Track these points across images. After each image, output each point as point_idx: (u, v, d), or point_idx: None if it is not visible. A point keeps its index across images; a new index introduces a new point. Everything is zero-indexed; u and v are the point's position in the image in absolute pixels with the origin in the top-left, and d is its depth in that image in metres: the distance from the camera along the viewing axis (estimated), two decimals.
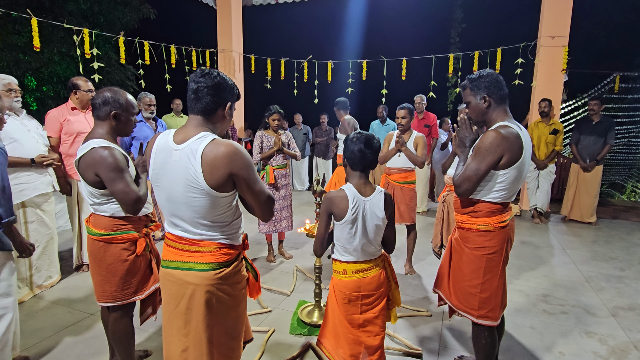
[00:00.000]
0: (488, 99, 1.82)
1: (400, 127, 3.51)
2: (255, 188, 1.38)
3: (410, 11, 13.21)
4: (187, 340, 1.41)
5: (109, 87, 1.98)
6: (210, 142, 1.32)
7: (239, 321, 1.52)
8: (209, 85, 1.39)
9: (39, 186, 2.98)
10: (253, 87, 8.03)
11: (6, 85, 2.83)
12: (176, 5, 10.00)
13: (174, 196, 1.36)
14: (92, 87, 3.27)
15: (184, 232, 1.40)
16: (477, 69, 5.98)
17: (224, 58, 7.38)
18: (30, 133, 2.94)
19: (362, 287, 1.77)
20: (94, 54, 5.11)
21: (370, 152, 1.75)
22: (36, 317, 2.78)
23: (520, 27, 6.81)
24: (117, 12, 9.60)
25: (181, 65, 6.62)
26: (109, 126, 1.92)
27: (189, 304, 1.39)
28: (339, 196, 1.72)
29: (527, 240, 4.63)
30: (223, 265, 1.41)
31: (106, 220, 1.91)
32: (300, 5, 8.02)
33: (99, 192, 1.85)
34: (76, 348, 2.41)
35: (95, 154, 1.78)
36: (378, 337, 1.83)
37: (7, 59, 7.69)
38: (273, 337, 2.56)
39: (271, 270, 3.70)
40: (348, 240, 1.74)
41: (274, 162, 3.77)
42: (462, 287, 1.94)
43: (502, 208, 1.82)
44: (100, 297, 1.94)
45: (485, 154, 1.72)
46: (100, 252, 1.91)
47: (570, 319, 2.85)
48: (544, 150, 5.26)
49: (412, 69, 6.57)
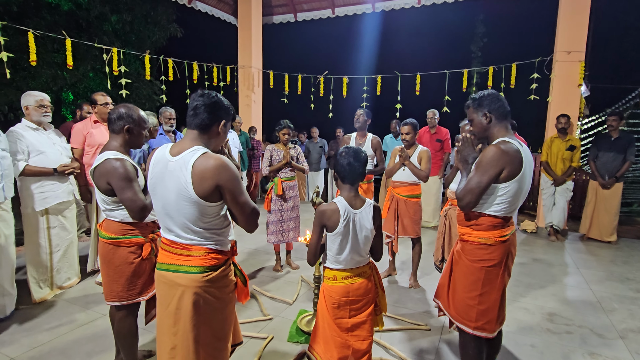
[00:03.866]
0: (489, 115, 1.89)
1: (405, 142, 3.58)
2: (239, 200, 1.50)
3: (426, 27, 13.32)
4: (175, 339, 1.52)
5: (124, 104, 2.17)
6: (201, 155, 1.45)
7: (225, 323, 1.62)
8: (206, 104, 1.53)
9: (61, 194, 3.22)
10: (271, 101, 8.29)
11: (38, 101, 3.11)
12: (200, 24, 10.52)
13: (167, 204, 1.50)
14: (109, 101, 3.52)
15: (176, 237, 1.53)
16: (491, 84, 5.98)
17: (244, 74, 7.68)
18: (55, 146, 3.20)
19: (351, 292, 1.83)
20: (122, 71, 5.46)
21: (359, 164, 1.84)
22: (55, 315, 2.98)
23: (539, 41, 6.76)
24: (147, 31, 10.18)
25: (203, 81, 6.94)
26: (122, 139, 2.10)
27: (178, 304, 1.51)
28: (331, 209, 1.81)
29: (540, 258, 4.53)
30: (211, 268, 1.52)
31: (116, 225, 2.07)
32: (318, 22, 8.29)
33: (110, 199, 2.02)
34: (87, 345, 2.57)
35: (108, 164, 1.95)
36: (366, 341, 1.88)
37: (46, 75, 8.29)
38: (271, 344, 2.63)
39: (277, 280, 3.80)
40: (338, 251, 1.82)
41: (283, 174, 3.90)
42: (461, 299, 1.97)
43: (503, 222, 1.87)
44: (108, 296, 2.10)
45: (486, 167, 1.78)
46: (110, 254, 2.07)
47: (575, 339, 2.78)
48: (560, 166, 5.16)
49: (428, 84, 6.63)
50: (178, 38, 10.47)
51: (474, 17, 12.46)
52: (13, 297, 2.97)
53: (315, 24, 8.39)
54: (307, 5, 8.34)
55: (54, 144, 3.24)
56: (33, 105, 3.08)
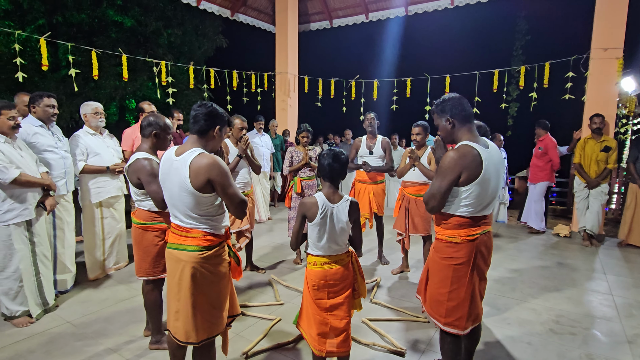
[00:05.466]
0: (452, 120, 2.02)
1: (415, 143, 3.73)
2: (228, 191, 1.82)
3: (458, 28, 13.01)
4: (178, 304, 1.87)
5: (153, 113, 2.60)
6: (197, 155, 1.79)
7: (220, 294, 1.94)
8: (203, 113, 1.88)
9: (112, 190, 3.78)
10: (306, 105, 8.67)
11: (94, 109, 3.70)
12: (242, 34, 11.25)
13: (172, 195, 1.86)
14: (154, 109, 4.05)
15: (179, 222, 1.88)
16: (523, 84, 5.85)
17: (281, 80, 8.13)
18: (108, 149, 3.78)
19: (328, 276, 2.07)
20: (169, 81, 6.12)
21: (338, 165, 2.09)
22: (103, 291, 3.53)
23: (574, 38, 6.45)
24: (197, 43, 11.08)
25: (242, 88, 7.48)
26: (151, 142, 2.52)
27: (180, 275, 1.86)
28: (310, 202, 2.07)
29: (565, 263, 4.40)
30: (206, 248, 1.86)
31: (144, 213, 2.50)
32: (352, 27, 8.53)
33: (140, 191, 2.45)
34: (126, 316, 3.06)
35: (138, 163, 2.37)
36: (343, 321, 2.10)
37: (110, 86, 9.37)
38: (277, 326, 2.94)
39: (295, 271, 4.11)
40: (317, 239, 2.08)
41: (302, 174, 4.22)
42: (432, 294, 2.09)
43: (471, 222, 1.95)
44: (138, 272, 2.53)
45: (444, 172, 1.90)
46: (139, 236, 2.51)
47: (576, 340, 2.77)
48: (594, 168, 4.95)
49: (459, 85, 6.60)
50: (223, 48, 11.25)
51: (509, 16, 12.01)
52: (73, 274, 3.57)
53: (349, 30, 8.65)
54: (342, 12, 8.62)
55: (107, 147, 3.81)
56: (90, 113, 3.67)
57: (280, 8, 8.11)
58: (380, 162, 4.14)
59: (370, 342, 2.68)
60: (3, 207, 2.77)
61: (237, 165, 3.56)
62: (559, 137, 5.59)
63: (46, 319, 2.98)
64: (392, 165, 4.14)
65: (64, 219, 3.44)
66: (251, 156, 3.69)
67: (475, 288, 2.00)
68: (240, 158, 3.54)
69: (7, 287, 2.85)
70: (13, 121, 2.83)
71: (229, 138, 3.68)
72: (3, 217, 2.77)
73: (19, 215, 2.83)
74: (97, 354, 2.55)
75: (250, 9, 8.41)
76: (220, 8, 7.86)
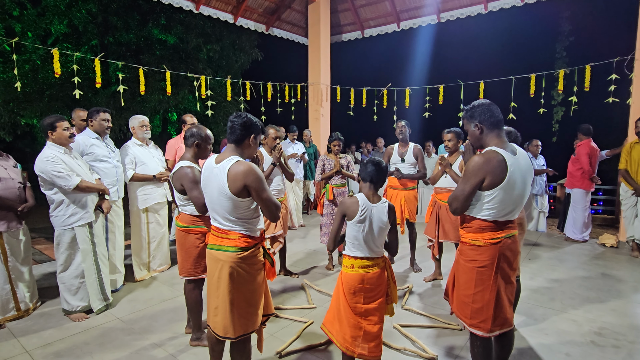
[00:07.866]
0: (480, 126, 2.06)
1: (447, 149, 3.73)
2: (262, 196, 1.95)
3: (492, 33, 12.68)
4: (217, 301, 2.02)
5: (196, 125, 2.82)
6: (235, 162, 1.94)
7: (256, 293, 2.07)
8: (239, 123, 2.04)
9: (157, 197, 4.07)
10: (338, 114, 8.80)
11: (141, 122, 4.01)
12: (277, 47, 11.67)
13: (212, 199, 2.02)
14: (196, 121, 4.32)
15: (219, 224, 2.04)
16: (562, 88, 5.66)
17: (313, 90, 8.33)
18: (153, 158, 4.08)
19: (366, 280, 2.14)
20: (208, 94, 6.47)
21: (380, 169, 2.20)
22: (149, 291, 3.79)
23: (618, 40, 6.15)
24: (234, 57, 11.59)
25: (275, 99, 7.74)
26: (193, 152, 2.72)
27: (219, 274, 2.01)
28: (351, 201, 2.17)
29: (610, 274, 4.18)
30: (243, 249, 2.00)
31: (187, 217, 2.70)
32: (384, 36, 8.60)
33: (183, 197, 2.65)
34: (169, 314, 3.28)
35: (181, 170, 2.58)
36: (377, 326, 2.16)
37: (154, 100, 9.99)
38: (310, 328, 3.03)
39: (327, 277, 4.19)
40: (356, 237, 2.14)
41: (334, 181, 4.32)
42: (458, 295, 2.13)
43: (494, 226, 1.97)
44: (181, 271, 2.73)
45: (469, 176, 1.95)
46: (182, 239, 2.71)
47: (620, 353, 2.65)
48: None
49: (493, 91, 6.48)
50: (259, 61, 11.68)
51: (549, 18, 11.58)
52: (122, 274, 3.86)
53: (381, 39, 8.72)
54: (373, 22, 8.73)
55: (152, 157, 4.12)
56: (137, 126, 3.99)
57: (313, 21, 8.35)
58: (412, 169, 4.16)
59: (401, 347, 2.71)
60: (67, 211, 3.09)
61: (271, 173, 3.73)
62: (603, 142, 5.33)
63: (99, 315, 3.25)
64: (424, 172, 4.15)
65: (115, 223, 3.74)
66: (285, 164, 3.85)
67: (501, 291, 2.00)
68: (275, 166, 3.70)
69: (70, 283, 3.16)
70: (68, 131, 3.14)
71: (264, 147, 3.86)
72: (68, 220, 3.09)
73: (82, 218, 3.14)
74: (143, 348, 2.75)
75: (284, 23, 8.71)
76: (256, 23, 8.21)
